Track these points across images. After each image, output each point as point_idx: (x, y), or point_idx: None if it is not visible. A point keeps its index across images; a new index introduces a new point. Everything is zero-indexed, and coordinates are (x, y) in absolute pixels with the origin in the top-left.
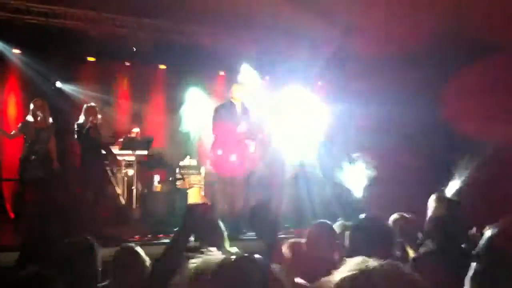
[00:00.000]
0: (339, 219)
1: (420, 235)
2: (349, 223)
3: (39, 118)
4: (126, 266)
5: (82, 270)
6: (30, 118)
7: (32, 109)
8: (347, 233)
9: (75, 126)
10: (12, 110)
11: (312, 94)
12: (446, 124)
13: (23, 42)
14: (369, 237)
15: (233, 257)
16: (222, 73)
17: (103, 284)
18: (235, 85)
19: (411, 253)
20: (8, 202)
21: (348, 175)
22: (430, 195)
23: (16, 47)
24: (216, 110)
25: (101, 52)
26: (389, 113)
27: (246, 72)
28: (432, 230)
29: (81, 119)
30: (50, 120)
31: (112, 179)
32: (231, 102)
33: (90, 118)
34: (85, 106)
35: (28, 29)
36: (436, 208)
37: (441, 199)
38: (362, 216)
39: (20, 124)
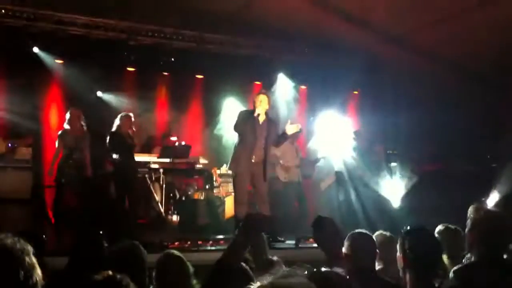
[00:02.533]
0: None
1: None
2: (388, 233)
3: (75, 126)
4: (170, 272)
5: (133, 275)
6: (66, 126)
7: (68, 118)
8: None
9: (109, 134)
10: (54, 118)
11: (349, 103)
12: (488, 133)
13: (66, 52)
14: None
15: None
16: (258, 82)
17: None
18: (258, 96)
19: (449, 265)
20: (49, 208)
21: (386, 185)
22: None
23: (59, 58)
24: (238, 115)
25: (141, 62)
26: (427, 121)
27: (282, 81)
28: (473, 242)
29: (115, 127)
30: (85, 128)
31: (151, 186)
32: (252, 109)
33: (125, 126)
34: (120, 114)
35: (71, 40)
36: (475, 219)
37: (481, 209)
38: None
39: (59, 133)
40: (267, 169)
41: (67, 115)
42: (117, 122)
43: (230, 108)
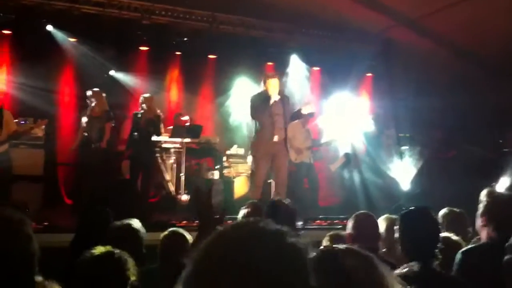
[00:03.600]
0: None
1: (470, 230)
2: (394, 216)
3: (94, 107)
4: (174, 249)
5: (129, 253)
6: (90, 105)
7: (88, 98)
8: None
9: (134, 115)
10: (67, 97)
11: (362, 85)
12: (499, 118)
13: (79, 31)
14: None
15: None
16: (270, 63)
17: (151, 267)
18: (269, 78)
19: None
20: (62, 185)
21: (396, 168)
22: (479, 190)
23: (72, 36)
24: (251, 98)
25: (154, 42)
26: (439, 106)
27: (295, 62)
28: (484, 225)
29: (140, 108)
30: (105, 108)
31: (162, 166)
32: (264, 91)
33: (149, 108)
34: (142, 96)
35: (84, 18)
36: (488, 203)
37: (494, 193)
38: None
39: (79, 113)
40: (287, 146)
41: (88, 94)
42: (141, 103)
43: (242, 89)
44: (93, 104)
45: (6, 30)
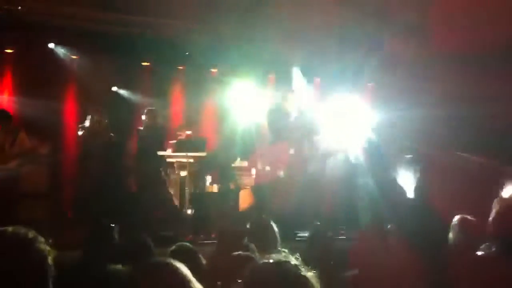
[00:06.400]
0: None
1: (481, 237)
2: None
3: (95, 123)
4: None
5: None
6: (87, 123)
7: (89, 114)
8: None
9: (137, 130)
10: (71, 114)
11: (362, 95)
12: (507, 126)
13: (82, 48)
14: None
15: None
16: (271, 75)
17: None
18: (288, 93)
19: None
20: (67, 201)
21: (401, 177)
22: (489, 198)
23: (74, 53)
24: (269, 113)
25: (156, 57)
26: (444, 114)
27: (296, 75)
28: (495, 232)
29: (143, 122)
30: (106, 123)
31: (166, 180)
32: (282, 106)
33: (152, 121)
34: (146, 109)
35: (87, 35)
36: (501, 210)
37: (506, 201)
38: None
39: (79, 129)
40: (301, 159)
41: (88, 111)
42: (144, 116)
43: (244, 101)
44: (94, 120)
45: (9, 48)
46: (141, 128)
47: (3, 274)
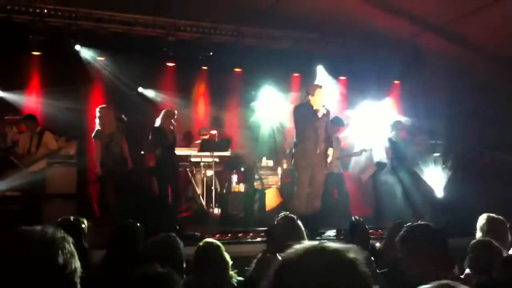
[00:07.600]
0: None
1: (509, 237)
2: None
3: (106, 124)
4: (208, 260)
5: (170, 267)
6: (98, 125)
7: (99, 116)
8: None
9: (152, 129)
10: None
11: (389, 93)
12: None
13: (107, 49)
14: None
15: None
16: (296, 74)
17: (187, 279)
18: (317, 90)
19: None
20: (94, 202)
21: (429, 175)
22: None
23: (100, 55)
24: (296, 110)
25: (180, 57)
26: (471, 112)
27: (321, 73)
28: None
29: (158, 122)
30: (115, 123)
31: (192, 180)
32: (309, 103)
33: (168, 122)
34: (163, 110)
35: (111, 37)
36: None
37: None
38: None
39: (93, 133)
40: (327, 159)
41: (97, 114)
42: (160, 117)
43: (269, 101)
44: (104, 121)
45: (36, 51)
46: (158, 127)
47: (32, 273)
